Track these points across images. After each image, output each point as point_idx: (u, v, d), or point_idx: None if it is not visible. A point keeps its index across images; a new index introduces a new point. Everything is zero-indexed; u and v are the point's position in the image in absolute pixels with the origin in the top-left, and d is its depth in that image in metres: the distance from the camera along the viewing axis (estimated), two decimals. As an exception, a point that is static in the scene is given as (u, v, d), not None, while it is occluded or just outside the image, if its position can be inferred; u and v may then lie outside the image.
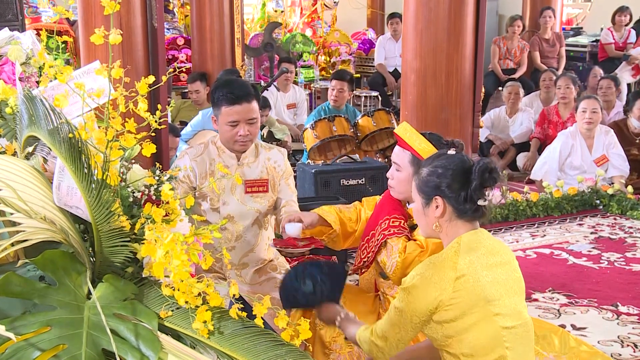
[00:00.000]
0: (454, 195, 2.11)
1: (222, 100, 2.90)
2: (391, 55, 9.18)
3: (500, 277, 2.09)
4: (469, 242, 2.10)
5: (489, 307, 2.04)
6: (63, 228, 1.52)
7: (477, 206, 2.11)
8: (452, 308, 2.02)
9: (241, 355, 1.46)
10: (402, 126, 2.75)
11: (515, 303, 2.11)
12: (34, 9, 8.70)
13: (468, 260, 2.06)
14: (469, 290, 2.03)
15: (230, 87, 2.93)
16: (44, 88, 1.83)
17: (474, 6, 4.74)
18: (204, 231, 1.54)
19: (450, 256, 2.07)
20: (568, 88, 6.55)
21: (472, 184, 2.09)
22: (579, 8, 11.50)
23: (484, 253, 2.10)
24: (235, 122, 2.90)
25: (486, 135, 6.82)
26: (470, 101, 4.87)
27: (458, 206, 2.11)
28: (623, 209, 5.26)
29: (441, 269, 2.04)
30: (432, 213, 2.16)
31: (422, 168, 2.20)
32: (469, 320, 2.03)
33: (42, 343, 1.35)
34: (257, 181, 3.02)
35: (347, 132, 5.82)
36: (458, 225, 2.14)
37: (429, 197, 2.15)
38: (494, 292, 2.05)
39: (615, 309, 3.58)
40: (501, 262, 2.13)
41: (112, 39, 1.55)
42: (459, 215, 2.13)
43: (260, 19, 10.34)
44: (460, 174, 2.11)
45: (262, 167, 3.04)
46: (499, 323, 2.04)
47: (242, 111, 2.90)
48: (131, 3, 4.52)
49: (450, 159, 2.17)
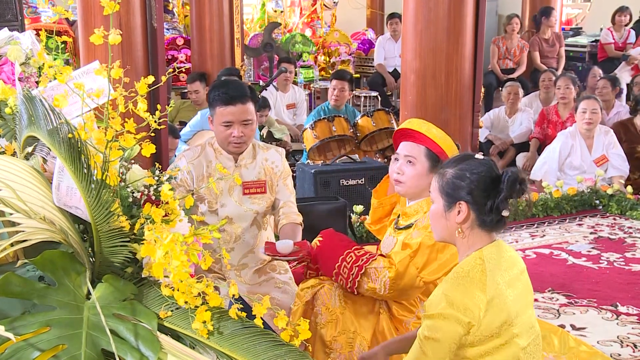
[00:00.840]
0: (480, 204, 2.02)
1: (217, 100, 2.89)
2: (391, 55, 9.18)
3: (519, 291, 2.04)
4: (491, 258, 2.02)
5: (512, 329, 1.98)
6: (62, 228, 1.52)
7: (501, 217, 2.03)
8: (479, 332, 1.95)
9: (241, 356, 1.46)
10: (415, 120, 2.77)
11: (529, 316, 2.07)
12: (34, 9, 8.70)
13: (495, 280, 1.98)
14: (497, 313, 1.95)
15: (225, 88, 2.92)
16: (44, 88, 1.83)
17: (473, 6, 4.74)
18: (203, 231, 1.54)
19: (477, 276, 1.97)
20: (568, 88, 6.55)
21: (500, 195, 1.99)
22: (578, 8, 11.50)
23: (505, 268, 2.03)
24: (229, 122, 2.89)
25: (486, 136, 6.82)
26: (469, 101, 4.87)
27: (482, 216, 2.03)
28: (622, 209, 5.26)
29: (470, 291, 1.95)
30: (453, 218, 2.06)
31: (447, 169, 2.10)
32: (493, 344, 1.96)
33: (41, 343, 1.35)
34: (255, 182, 3.01)
35: (347, 132, 5.82)
36: (478, 234, 2.06)
37: (452, 200, 2.05)
38: (517, 309, 2.00)
39: (615, 309, 3.58)
40: (518, 273, 2.08)
41: (111, 39, 1.55)
42: (479, 225, 2.05)
43: (260, 19, 10.34)
44: (490, 182, 2.02)
45: (260, 168, 3.03)
46: (519, 344, 1.99)
47: (236, 112, 2.88)
48: (131, 3, 4.52)
49: (478, 163, 2.06)
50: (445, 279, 2.04)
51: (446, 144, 2.66)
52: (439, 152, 2.64)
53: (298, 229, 2.99)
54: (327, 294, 2.71)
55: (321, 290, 2.73)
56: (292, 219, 3.01)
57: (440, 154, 2.65)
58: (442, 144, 2.64)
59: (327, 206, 3.95)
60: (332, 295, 2.71)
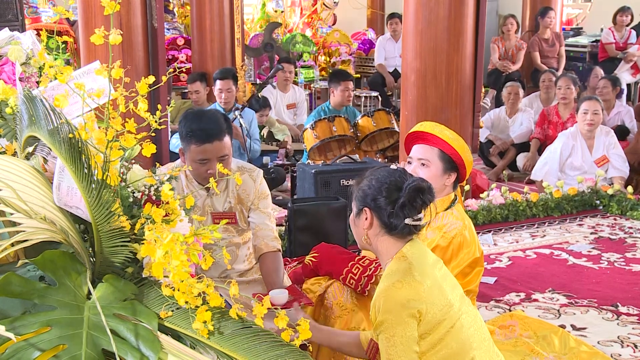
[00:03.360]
0: (381, 210, 2.09)
1: (192, 137, 2.69)
2: (391, 55, 9.18)
3: (443, 273, 2.13)
4: (413, 252, 2.09)
5: (453, 309, 2.04)
6: (63, 228, 1.52)
7: (405, 224, 2.07)
8: (428, 318, 2.00)
9: (241, 356, 1.46)
10: (427, 123, 2.79)
11: (462, 295, 2.14)
12: (34, 9, 8.70)
13: (424, 267, 2.05)
14: (437, 295, 2.02)
15: (199, 124, 2.71)
16: (44, 88, 1.83)
17: (474, 6, 4.74)
18: (203, 231, 1.55)
19: (407, 268, 2.04)
20: (568, 89, 6.54)
21: (399, 201, 2.06)
22: (578, 8, 11.50)
23: (428, 258, 2.11)
24: (205, 160, 2.71)
25: (486, 136, 6.82)
26: (470, 101, 4.87)
27: (384, 220, 2.09)
28: (623, 209, 5.25)
29: (406, 283, 2.00)
30: (361, 224, 2.15)
31: (363, 178, 2.20)
32: (443, 329, 2.01)
33: (42, 343, 1.35)
34: (225, 214, 2.86)
35: (347, 132, 5.83)
36: (389, 241, 2.12)
37: (359, 207, 2.16)
38: (449, 290, 2.06)
39: (615, 309, 3.58)
40: (435, 259, 2.16)
41: (112, 39, 1.55)
42: (388, 231, 2.11)
43: (260, 19, 10.33)
44: (393, 189, 2.09)
45: (231, 197, 2.88)
46: (464, 325, 2.05)
47: (213, 149, 2.69)
48: (131, 3, 4.52)
49: (388, 173, 2.15)
50: (378, 286, 2.09)
51: (459, 145, 2.69)
52: (452, 153, 2.68)
53: (279, 260, 2.83)
54: (339, 290, 2.75)
55: (334, 285, 2.78)
56: (269, 247, 2.83)
57: (454, 155, 2.68)
58: (455, 145, 2.67)
59: (327, 206, 3.94)
60: (344, 291, 2.74)
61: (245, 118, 5.79)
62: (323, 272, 2.82)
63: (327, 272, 2.80)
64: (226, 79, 5.86)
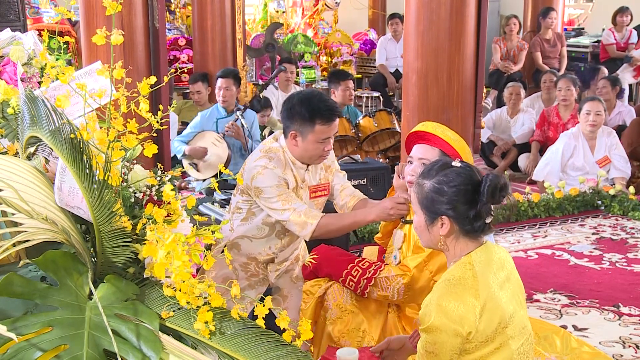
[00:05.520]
0: (462, 216, 2.00)
1: (320, 117, 2.77)
2: (392, 55, 9.18)
3: (511, 292, 2.03)
4: (481, 262, 2.01)
5: (505, 331, 1.97)
6: (64, 228, 1.52)
7: (484, 223, 2.01)
8: (475, 338, 1.94)
9: (243, 356, 1.46)
10: (429, 123, 2.79)
11: (522, 317, 2.06)
12: (36, 9, 8.71)
13: (487, 283, 1.97)
14: (491, 318, 1.95)
15: (325, 103, 2.81)
16: (46, 88, 1.83)
17: (475, 7, 4.73)
18: (205, 232, 1.55)
19: (469, 282, 1.96)
20: (569, 90, 6.53)
21: (480, 205, 1.98)
22: (580, 9, 11.49)
23: (496, 270, 2.02)
24: (327, 138, 2.83)
25: (488, 136, 6.81)
26: (471, 102, 4.86)
27: (465, 226, 2.01)
28: (625, 210, 5.25)
29: (463, 298, 1.93)
30: (436, 231, 2.05)
31: (424, 180, 2.06)
32: (487, 350, 1.95)
33: (43, 343, 1.35)
34: (320, 186, 3.01)
35: (349, 132, 5.82)
36: (465, 242, 2.04)
37: (434, 215, 2.03)
38: (510, 311, 1.99)
39: (617, 310, 3.57)
40: (508, 273, 2.07)
41: (113, 40, 1.55)
42: (465, 234, 2.03)
43: (262, 20, 10.34)
44: (470, 192, 1.99)
45: (321, 169, 3.03)
46: (512, 347, 1.98)
47: (335, 127, 2.84)
48: (133, 4, 4.53)
49: (456, 174, 2.02)
50: (436, 287, 2.02)
51: (460, 146, 2.68)
52: (453, 154, 2.67)
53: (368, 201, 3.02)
54: (339, 291, 2.75)
55: (333, 286, 2.78)
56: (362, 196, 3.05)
57: (454, 156, 2.67)
58: (456, 146, 2.66)
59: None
60: (343, 292, 2.74)
61: (247, 119, 5.79)
62: (322, 274, 2.82)
63: (327, 274, 2.80)
64: (227, 78, 5.85)
